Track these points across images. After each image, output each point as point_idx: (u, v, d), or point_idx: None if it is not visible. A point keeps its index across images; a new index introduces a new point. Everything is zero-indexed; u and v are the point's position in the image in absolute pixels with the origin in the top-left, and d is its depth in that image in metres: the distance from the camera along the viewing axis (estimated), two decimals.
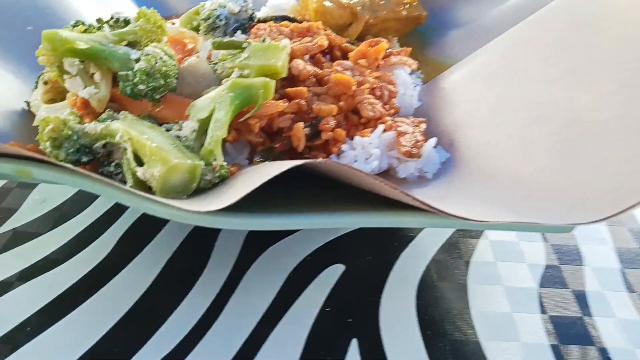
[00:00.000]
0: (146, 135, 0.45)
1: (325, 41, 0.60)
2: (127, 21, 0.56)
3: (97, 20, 0.55)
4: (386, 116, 0.56)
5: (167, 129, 0.48)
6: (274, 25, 0.65)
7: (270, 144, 0.53)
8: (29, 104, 0.60)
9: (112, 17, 0.56)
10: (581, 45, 0.49)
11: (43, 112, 0.54)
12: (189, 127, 0.47)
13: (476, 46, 0.64)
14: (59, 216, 0.60)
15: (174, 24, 0.68)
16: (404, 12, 0.76)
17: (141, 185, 0.44)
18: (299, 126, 0.52)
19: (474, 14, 0.76)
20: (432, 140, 0.54)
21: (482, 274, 0.53)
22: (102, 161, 0.48)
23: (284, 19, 0.68)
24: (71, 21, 0.56)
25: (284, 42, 0.54)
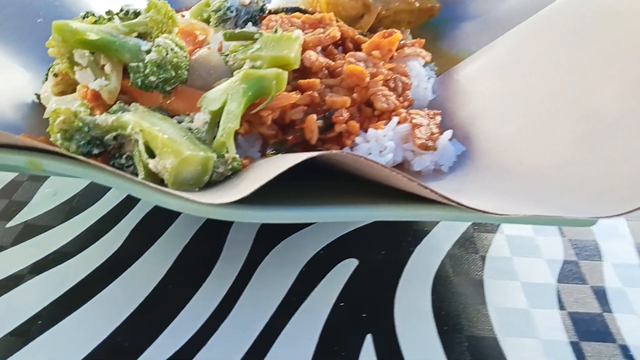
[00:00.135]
0: (158, 127, 0.44)
1: (338, 32, 0.59)
2: (137, 13, 0.55)
3: (106, 12, 0.55)
4: (400, 108, 0.55)
5: (179, 121, 0.47)
6: (286, 16, 0.64)
7: (282, 137, 0.52)
8: (39, 96, 0.59)
9: (121, 10, 0.55)
10: (598, 38, 0.48)
11: (53, 104, 0.54)
12: (200, 119, 0.46)
13: (490, 38, 0.63)
14: (70, 209, 0.60)
15: (184, 16, 0.67)
16: (416, 4, 0.75)
17: (153, 178, 0.43)
18: (312, 118, 0.51)
19: (487, 6, 0.75)
20: (447, 133, 0.53)
21: (498, 269, 0.52)
22: (113, 153, 0.47)
23: (295, 11, 0.67)
24: (81, 13, 0.56)
25: (297, 33, 0.53)
